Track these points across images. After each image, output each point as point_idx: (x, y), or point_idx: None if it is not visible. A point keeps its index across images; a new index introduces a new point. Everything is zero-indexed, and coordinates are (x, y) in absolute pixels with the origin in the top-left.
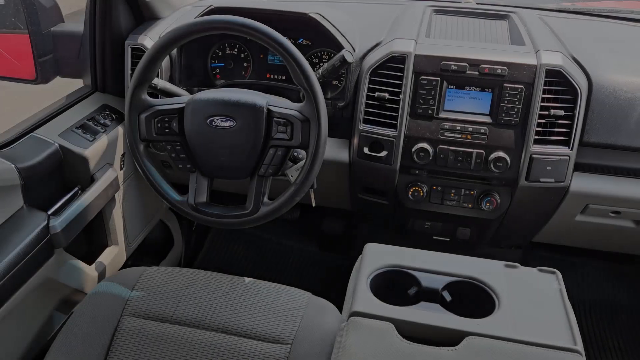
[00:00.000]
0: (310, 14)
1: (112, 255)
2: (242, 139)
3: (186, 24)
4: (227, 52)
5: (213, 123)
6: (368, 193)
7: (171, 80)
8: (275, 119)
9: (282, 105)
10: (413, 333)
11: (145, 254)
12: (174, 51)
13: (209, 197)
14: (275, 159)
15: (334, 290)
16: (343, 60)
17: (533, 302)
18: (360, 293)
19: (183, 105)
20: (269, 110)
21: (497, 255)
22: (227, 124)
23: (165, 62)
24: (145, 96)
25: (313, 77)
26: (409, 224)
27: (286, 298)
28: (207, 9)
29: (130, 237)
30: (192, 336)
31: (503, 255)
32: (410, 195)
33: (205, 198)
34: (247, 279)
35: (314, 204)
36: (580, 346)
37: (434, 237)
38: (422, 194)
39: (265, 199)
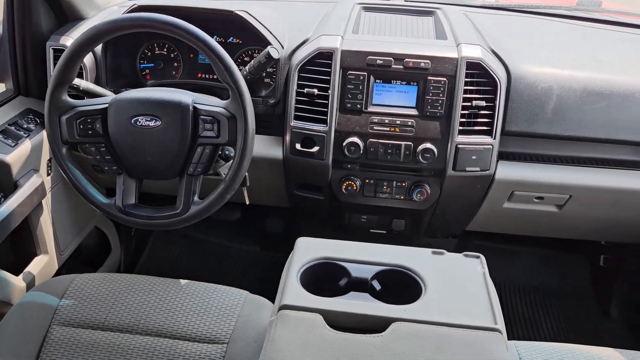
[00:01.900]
0: (237, 12)
1: (42, 264)
2: (168, 138)
3: (105, 22)
4: (156, 52)
5: (138, 123)
6: (303, 189)
7: (97, 81)
8: (201, 116)
9: (208, 103)
10: (341, 322)
11: (80, 262)
12: (99, 51)
13: (137, 198)
14: (204, 157)
15: (275, 288)
16: (268, 56)
17: (458, 286)
18: (290, 287)
19: (106, 105)
20: (195, 108)
21: (434, 246)
22: (152, 123)
23: (90, 63)
24: (66, 97)
25: (237, 73)
26: (345, 219)
27: (222, 297)
28: (131, 8)
29: (62, 245)
30: (124, 342)
31: (439, 245)
32: (344, 190)
33: (133, 200)
34: (183, 281)
35: (247, 202)
36: (500, 325)
37: (371, 231)
38: (355, 188)
39: (196, 198)
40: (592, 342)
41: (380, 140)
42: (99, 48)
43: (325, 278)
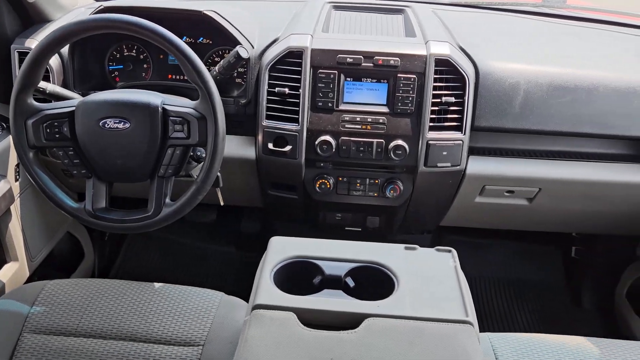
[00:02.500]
0: (205, 12)
1: (12, 271)
2: (137, 140)
3: (70, 23)
4: (125, 54)
5: (106, 125)
6: (277, 189)
7: (64, 84)
8: (171, 117)
9: (178, 104)
10: (314, 320)
11: (52, 268)
12: (66, 54)
13: (108, 202)
14: (174, 158)
15: (251, 288)
16: (237, 56)
17: (430, 280)
18: (263, 286)
19: (73, 108)
20: (164, 109)
21: (409, 242)
22: (120, 125)
23: (56, 66)
24: (32, 101)
25: (205, 73)
26: (320, 217)
27: (197, 299)
28: (98, 9)
29: (33, 251)
30: (98, 347)
31: (414, 241)
32: (317, 188)
33: (104, 204)
34: (157, 284)
35: (222, 203)
36: (472, 317)
37: (346, 228)
38: (329, 186)
39: (168, 200)
40: (565, 331)
41: (352, 138)
42: (65, 50)
43: (299, 277)
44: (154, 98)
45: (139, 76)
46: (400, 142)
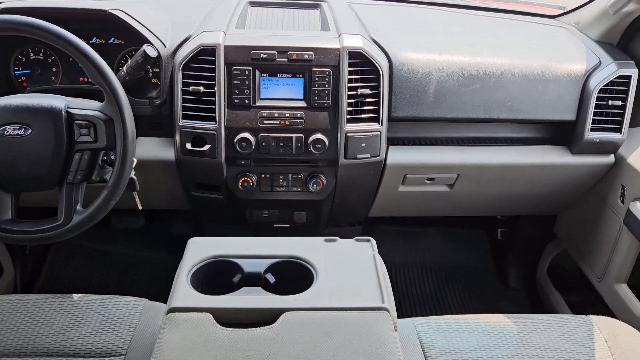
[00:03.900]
0: (110, 11)
1: None
2: (41, 146)
3: None
4: (31, 58)
5: (5, 132)
6: (201, 189)
7: None
8: (76, 121)
9: (83, 107)
10: (231, 319)
11: None
12: None
13: (15, 213)
14: (83, 163)
15: None
16: (145, 55)
17: (349, 270)
18: (179, 289)
19: None
20: (68, 112)
21: (340, 234)
22: (21, 132)
23: None
24: None
25: (108, 72)
26: (247, 216)
27: (118, 308)
28: None
29: None
30: None
31: (345, 234)
32: (240, 186)
33: (10, 215)
34: (76, 296)
35: (140, 207)
36: (388, 304)
37: (275, 225)
38: (252, 184)
39: (79, 207)
40: (493, 311)
41: (271, 134)
42: None
43: (218, 276)
44: (57, 101)
45: (48, 80)
46: (319, 135)
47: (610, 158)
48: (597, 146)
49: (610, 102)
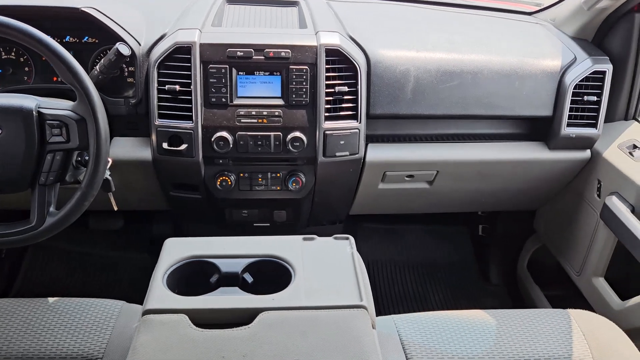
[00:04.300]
0: (83, 9)
1: None
2: (12, 147)
3: None
4: (3, 57)
5: None
6: (179, 189)
7: None
8: (48, 121)
9: (54, 106)
10: (207, 320)
11: None
12: None
13: None
14: (55, 164)
15: None
16: (118, 53)
17: (327, 269)
18: (154, 290)
19: None
20: (39, 112)
21: (321, 233)
22: None
23: None
24: None
25: (79, 71)
26: (227, 215)
27: (95, 311)
28: None
29: None
30: None
31: (327, 232)
32: (219, 186)
33: None
34: (51, 299)
35: (115, 208)
36: (366, 301)
37: (255, 225)
38: (230, 183)
39: (52, 209)
40: (475, 306)
41: (249, 133)
42: None
43: (195, 277)
44: (28, 101)
45: (21, 80)
46: (297, 134)
47: (587, 153)
48: (573, 141)
49: (585, 98)
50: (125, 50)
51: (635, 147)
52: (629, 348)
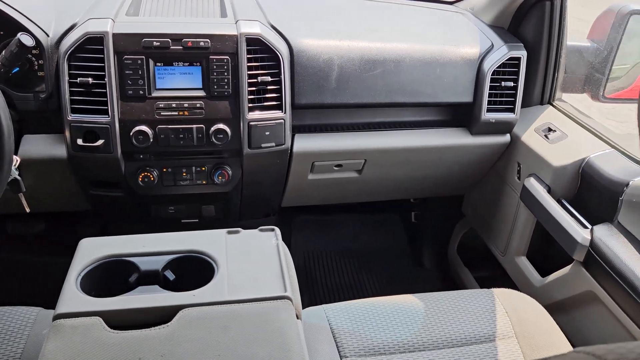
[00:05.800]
0: None
1: None
2: None
3: None
4: None
5: None
6: (99, 188)
7: None
8: None
9: None
10: (123, 321)
11: None
12: None
13: None
14: None
15: None
16: (20, 44)
17: (251, 261)
18: (66, 293)
19: None
20: None
21: (254, 226)
22: None
23: None
24: None
25: None
26: (153, 212)
27: (9, 319)
28: None
29: None
30: None
31: (259, 225)
32: (140, 182)
33: None
34: None
35: (27, 210)
36: (290, 292)
37: (183, 221)
38: (152, 179)
39: None
40: (408, 292)
41: (170, 126)
42: None
43: (114, 277)
44: None
45: None
46: (221, 125)
47: (507, 137)
48: (493, 126)
49: (503, 84)
50: (27, 41)
51: (550, 130)
52: (548, 322)
